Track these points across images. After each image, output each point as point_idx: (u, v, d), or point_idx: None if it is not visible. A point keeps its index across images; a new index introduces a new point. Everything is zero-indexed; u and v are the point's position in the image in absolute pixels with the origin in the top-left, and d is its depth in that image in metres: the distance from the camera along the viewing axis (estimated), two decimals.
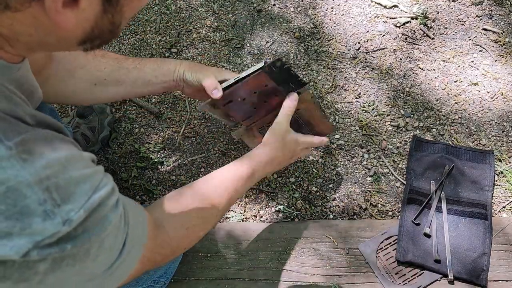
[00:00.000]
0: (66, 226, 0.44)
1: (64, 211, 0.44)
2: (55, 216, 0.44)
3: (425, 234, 1.08)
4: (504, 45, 1.40)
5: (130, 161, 1.25)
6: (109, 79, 0.91)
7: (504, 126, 1.26)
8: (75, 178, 0.46)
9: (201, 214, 0.77)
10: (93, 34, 0.48)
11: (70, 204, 0.45)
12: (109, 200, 0.50)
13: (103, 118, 1.25)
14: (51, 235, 0.43)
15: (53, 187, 0.44)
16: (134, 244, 0.58)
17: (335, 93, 1.33)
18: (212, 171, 0.84)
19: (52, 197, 0.44)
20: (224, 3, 1.52)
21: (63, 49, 0.51)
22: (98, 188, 0.49)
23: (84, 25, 0.46)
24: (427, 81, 1.35)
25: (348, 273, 1.05)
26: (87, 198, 0.47)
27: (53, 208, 0.44)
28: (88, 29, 0.47)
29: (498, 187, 1.17)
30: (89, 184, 0.48)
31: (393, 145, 1.25)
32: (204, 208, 0.77)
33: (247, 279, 1.04)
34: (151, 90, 0.96)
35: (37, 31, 0.45)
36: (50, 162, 0.45)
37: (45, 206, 0.43)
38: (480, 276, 1.02)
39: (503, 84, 1.33)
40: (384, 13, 1.47)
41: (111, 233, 0.51)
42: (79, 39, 0.48)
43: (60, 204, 0.44)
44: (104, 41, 0.52)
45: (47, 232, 0.43)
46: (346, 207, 1.16)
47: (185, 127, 1.30)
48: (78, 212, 0.45)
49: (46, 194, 0.43)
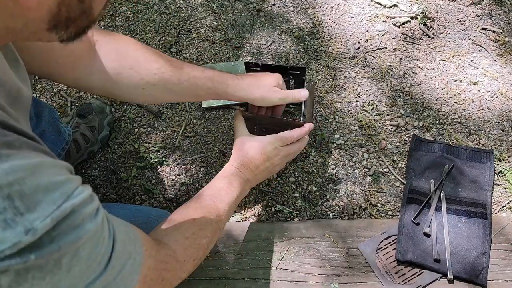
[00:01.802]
0: (29, 236, 0.41)
1: (28, 220, 0.41)
2: (16, 225, 0.40)
3: (425, 234, 1.08)
4: (503, 44, 1.40)
5: (130, 161, 1.25)
6: (158, 85, 0.86)
7: (503, 126, 1.26)
8: (43, 185, 0.43)
9: (197, 222, 0.77)
10: (61, 14, 0.44)
11: (36, 212, 0.42)
12: (85, 209, 0.47)
13: (102, 118, 1.25)
14: (12, 245, 0.40)
15: (16, 194, 0.41)
16: (125, 262, 0.55)
17: (335, 92, 1.33)
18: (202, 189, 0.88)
19: (14, 205, 0.41)
20: (224, 2, 1.52)
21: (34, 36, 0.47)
22: (71, 196, 0.46)
23: (49, 2, 0.43)
24: (427, 81, 1.35)
25: (348, 272, 1.05)
26: (55, 206, 0.43)
27: (14, 217, 0.40)
28: (54, 8, 0.43)
29: (498, 187, 1.17)
30: (60, 191, 0.45)
31: (393, 145, 1.25)
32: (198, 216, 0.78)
33: (247, 279, 1.04)
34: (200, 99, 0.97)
35: (2, 17, 0.42)
36: (14, 168, 0.41)
37: (5, 215, 0.40)
38: (479, 276, 1.02)
39: (503, 83, 1.33)
40: (383, 13, 1.47)
41: (88, 243, 0.47)
42: (46, 22, 0.45)
43: (24, 213, 0.41)
44: (79, 27, 0.48)
45: (7, 242, 0.40)
46: (346, 207, 1.16)
47: (184, 126, 1.30)
48: (44, 221, 0.42)
49: (6, 202, 0.40)
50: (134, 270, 0.57)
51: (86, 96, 1.35)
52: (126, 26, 1.48)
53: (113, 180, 1.22)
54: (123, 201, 1.19)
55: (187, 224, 0.77)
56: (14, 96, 0.57)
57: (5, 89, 0.55)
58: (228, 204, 0.86)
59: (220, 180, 0.90)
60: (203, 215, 0.80)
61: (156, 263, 0.63)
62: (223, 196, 0.86)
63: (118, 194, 1.20)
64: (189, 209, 0.82)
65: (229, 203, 0.86)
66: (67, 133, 1.14)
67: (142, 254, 0.59)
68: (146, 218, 0.93)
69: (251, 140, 0.94)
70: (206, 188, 0.88)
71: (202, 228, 0.78)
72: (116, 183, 1.22)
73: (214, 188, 0.88)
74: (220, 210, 0.84)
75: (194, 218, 0.78)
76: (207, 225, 0.80)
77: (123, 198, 1.20)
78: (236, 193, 0.88)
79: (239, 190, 0.90)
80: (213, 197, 0.85)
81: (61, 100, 1.35)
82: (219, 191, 0.87)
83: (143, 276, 0.58)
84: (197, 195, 0.87)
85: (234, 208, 0.90)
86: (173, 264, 0.68)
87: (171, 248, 0.69)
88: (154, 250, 0.64)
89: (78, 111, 1.25)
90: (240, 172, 0.92)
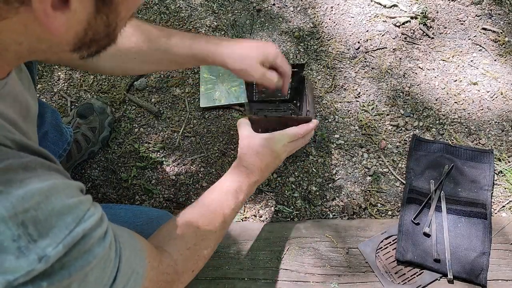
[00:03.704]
0: (42, 264, 0.41)
1: (40, 247, 0.41)
2: (29, 253, 0.40)
3: (425, 234, 1.08)
4: (503, 44, 1.40)
5: (130, 161, 1.25)
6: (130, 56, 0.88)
7: (503, 126, 1.26)
8: (56, 210, 0.43)
9: (201, 231, 0.76)
10: (87, 37, 0.45)
11: (49, 239, 0.42)
12: (95, 232, 0.47)
13: (103, 119, 1.25)
14: (25, 274, 0.40)
15: (30, 221, 0.41)
16: (129, 278, 0.55)
17: (335, 92, 1.33)
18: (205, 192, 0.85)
19: (28, 232, 0.40)
20: (224, 2, 1.52)
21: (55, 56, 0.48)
22: (82, 220, 0.45)
23: (76, 28, 0.43)
24: (427, 81, 1.35)
25: (347, 272, 1.05)
26: (68, 232, 0.43)
27: (28, 244, 0.40)
28: (81, 32, 0.44)
29: (498, 187, 1.17)
30: (72, 216, 0.44)
31: (393, 145, 1.25)
32: (202, 224, 0.77)
33: (247, 279, 1.04)
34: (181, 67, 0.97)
35: (27, 39, 0.43)
36: (28, 194, 0.41)
37: (19, 243, 0.40)
38: (479, 276, 1.02)
39: (503, 83, 1.33)
40: (383, 13, 1.47)
41: (96, 267, 0.47)
42: (71, 44, 0.45)
43: (37, 240, 0.41)
44: (100, 46, 0.49)
45: (20, 270, 0.40)
46: (346, 207, 1.16)
47: (184, 126, 1.30)
48: (56, 248, 0.42)
49: (21, 229, 0.40)
50: (137, 284, 0.57)
51: (86, 96, 1.36)
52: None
53: (113, 180, 1.22)
54: (123, 201, 1.19)
55: (190, 233, 0.75)
56: (26, 111, 0.57)
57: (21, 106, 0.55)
58: (234, 210, 0.84)
59: (229, 182, 0.86)
60: (208, 222, 0.78)
61: (158, 275, 0.62)
62: (230, 201, 0.83)
63: (118, 194, 1.20)
64: (194, 214, 0.79)
65: (235, 208, 0.84)
66: (69, 134, 1.15)
67: (145, 267, 0.59)
68: (147, 219, 0.93)
69: (259, 139, 0.91)
70: (213, 190, 0.85)
71: (205, 238, 0.77)
72: (116, 183, 1.22)
73: (221, 192, 0.85)
74: (226, 216, 0.82)
75: (198, 226, 0.76)
76: (210, 234, 0.78)
77: (123, 198, 1.20)
78: (243, 197, 0.86)
79: (247, 193, 0.87)
80: (220, 203, 0.83)
81: (61, 100, 1.36)
82: (226, 195, 0.84)
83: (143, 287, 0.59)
84: (203, 197, 0.84)
85: (239, 210, 0.88)
86: (173, 276, 0.68)
87: (173, 258, 0.69)
88: (157, 261, 0.63)
89: (79, 112, 1.25)
90: (250, 173, 0.88)
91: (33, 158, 0.46)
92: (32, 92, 0.64)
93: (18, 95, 0.55)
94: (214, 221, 0.79)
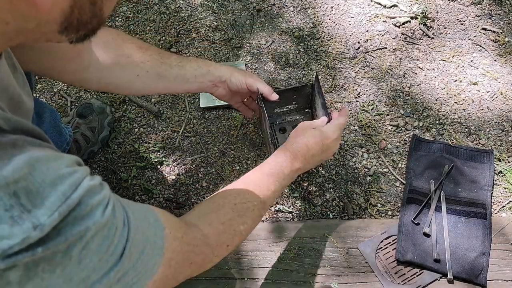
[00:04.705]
0: (37, 231, 0.41)
1: (35, 217, 0.41)
2: (23, 222, 0.40)
3: (425, 234, 1.08)
4: (503, 44, 1.40)
5: (130, 161, 1.25)
6: (151, 72, 0.92)
7: (503, 126, 1.26)
8: (49, 179, 0.43)
9: (237, 207, 0.76)
10: (73, 16, 0.45)
11: (43, 208, 0.42)
12: (92, 199, 0.46)
13: (103, 118, 1.25)
14: (20, 242, 0.40)
15: (22, 191, 0.41)
16: (144, 248, 0.54)
17: (335, 92, 1.33)
18: None
19: (21, 203, 0.40)
20: (224, 2, 1.52)
21: (44, 38, 0.48)
22: (79, 187, 0.45)
23: (62, 5, 0.43)
24: (427, 81, 1.35)
25: (347, 272, 1.05)
26: (64, 199, 0.43)
27: (21, 214, 0.40)
28: (67, 10, 0.44)
29: (498, 187, 1.17)
30: (67, 183, 0.44)
31: (393, 145, 1.25)
32: (240, 202, 0.77)
33: (247, 279, 1.04)
34: (188, 88, 0.99)
35: (14, 17, 0.42)
36: (19, 165, 0.41)
37: (12, 212, 0.40)
38: (479, 276, 1.02)
39: (503, 83, 1.33)
40: (383, 13, 1.47)
41: (98, 234, 0.46)
42: (58, 23, 0.45)
43: (31, 210, 0.41)
44: (89, 29, 0.48)
45: (15, 238, 0.40)
46: (346, 207, 1.16)
47: (184, 126, 1.30)
48: (52, 216, 0.42)
49: (13, 200, 0.40)
50: (155, 254, 0.56)
51: (86, 96, 1.35)
52: (126, 26, 1.48)
53: (113, 180, 1.22)
54: None
55: (226, 208, 0.75)
56: (16, 102, 0.57)
57: (8, 94, 0.55)
58: (274, 193, 0.83)
59: (272, 164, 0.86)
60: (246, 200, 0.78)
61: (183, 245, 0.61)
62: (270, 183, 0.83)
63: (118, 194, 1.20)
64: (232, 192, 0.79)
65: (275, 191, 0.83)
66: (68, 134, 1.15)
67: (163, 238, 0.58)
68: None
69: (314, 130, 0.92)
70: (255, 171, 0.85)
71: (241, 215, 0.76)
72: (116, 183, 1.22)
73: (263, 173, 0.84)
74: (265, 197, 0.81)
75: (235, 203, 0.76)
76: (247, 211, 0.77)
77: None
78: (285, 183, 0.85)
79: (289, 179, 0.87)
80: (260, 183, 0.82)
81: (61, 100, 1.35)
82: (267, 176, 0.83)
83: (167, 259, 0.57)
84: (244, 177, 0.83)
85: (279, 194, 0.88)
86: (203, 248, 0.67)
87: (202, 231, 0.68)
88: (180, 232, 0.62)
89: (79, 111, 1.25)
90: (294, 159, 0.88)
91: (21, 136, 0.45)
92: (28, 91, 0.64)
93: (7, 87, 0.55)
94: (252, 199, 0.78)
